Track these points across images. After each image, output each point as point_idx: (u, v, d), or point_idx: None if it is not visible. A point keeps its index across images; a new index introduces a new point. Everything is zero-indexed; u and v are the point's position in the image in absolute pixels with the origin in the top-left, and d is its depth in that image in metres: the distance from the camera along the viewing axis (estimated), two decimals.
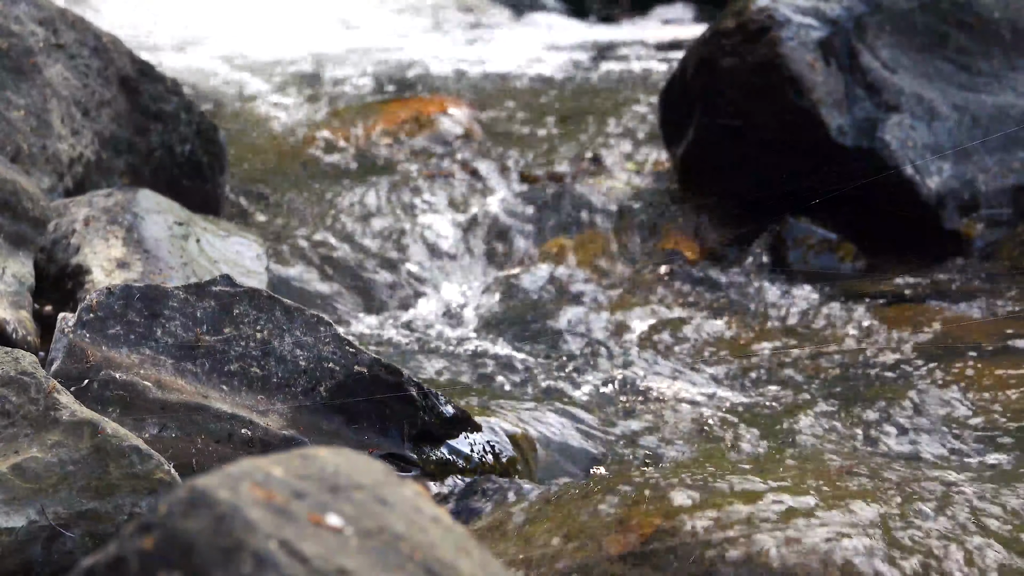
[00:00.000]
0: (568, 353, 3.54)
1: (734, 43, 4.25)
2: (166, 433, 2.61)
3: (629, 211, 4.43)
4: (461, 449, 2.82)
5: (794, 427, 3.11)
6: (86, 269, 3.29)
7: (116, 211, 3.42)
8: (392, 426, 2.75)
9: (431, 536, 1.46)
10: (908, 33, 4.34)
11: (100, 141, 3.78)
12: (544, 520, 2.57)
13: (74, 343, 2.66)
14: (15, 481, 2.29)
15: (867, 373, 3.40)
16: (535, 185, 4.58)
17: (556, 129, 4.98)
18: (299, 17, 6.34)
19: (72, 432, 2.33)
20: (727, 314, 3.83)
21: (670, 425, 3.12)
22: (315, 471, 1.46)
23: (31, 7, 3.72)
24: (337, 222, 4.39)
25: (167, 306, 2.74)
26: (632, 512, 2.50)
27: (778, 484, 2.64)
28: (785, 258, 4.13)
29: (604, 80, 5.51)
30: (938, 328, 3.63)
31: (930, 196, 4.12)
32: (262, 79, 5.48)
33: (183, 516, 1.35)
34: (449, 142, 4.88)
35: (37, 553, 2.26)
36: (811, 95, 4.15)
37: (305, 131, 4.97)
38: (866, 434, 3.07)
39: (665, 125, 4.54)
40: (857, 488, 2.66)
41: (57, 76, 3.69)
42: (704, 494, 2.63)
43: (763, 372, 3.44)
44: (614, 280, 4.09)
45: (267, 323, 2.75)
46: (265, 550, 1.33)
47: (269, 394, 2.71)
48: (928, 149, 4.15)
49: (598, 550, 2.42)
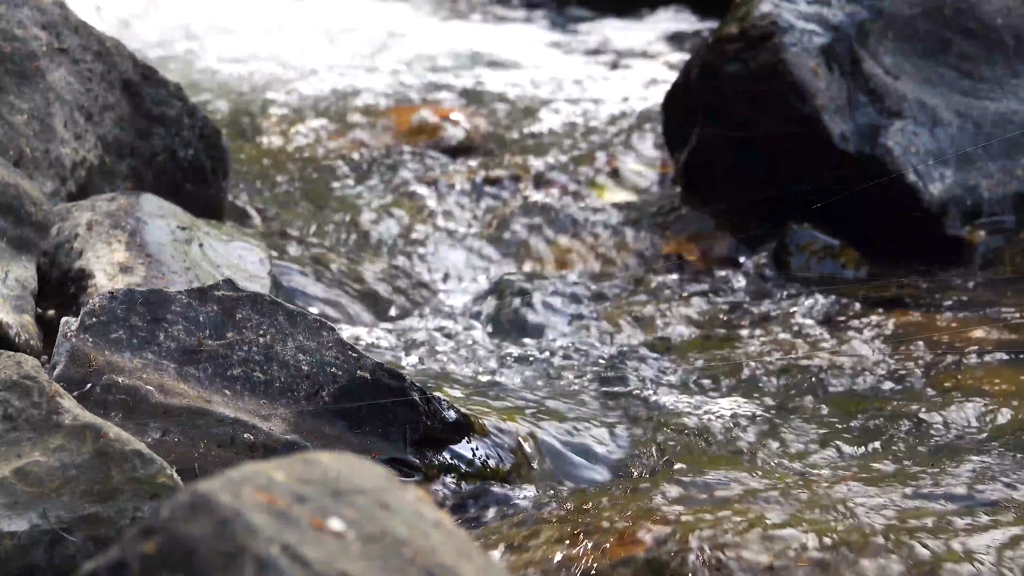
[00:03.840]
0: (570, 358, 3.54)
1: (736, 49, 4.25)
2: (168, 437, 2.61)
3: (632, 216, 4.43)
4: (463, 454, 2.82)
5: (796, 434, 3.11)
6: (89, 273, 3.29)
7: (119, 215, 3.43)
8: (394, 431, 2.75)
9: (433, 541, 1.46)
10: (911, 39, 4.34)
11: (103, 145, 3.78)
12: (546, 526, 2.57)
13: (77, 347, 2.66)
14: (17, 485, 2.29)
15: (869, 379, 3.40)
16: (537, 190, 4.58)
17: (559, 135, 4.98)
18: (301, 22, 6.34)
19: (74, 436, 2.33)
20: (729, 320, 3.83)
21: (671, 431, 3.12)
22: (317, 475, 1.46)
23: (34, 11, 3.72)
24: (339, 227, 4.39)
25: (170, 310, 2.74)
26: (633, 519, 2.50)
27: (780, 491, 2.64)
28: (788, 264, 4.13)
29: (608, 84, 5.51)
30: (941, 334, 3.63)
31: (932, 202, 4.12)
32: (265, 85, 5.48)
33: (185, 520, 1.35)
34: (451, 148, 4.88)
35: (39, 557, 2.26)
36: (814, 101, 4.15)
37: (308, 136, 4.97)
38: (868, 441, 3.07)
39: (668, 130, 4.55)
40: (858, 496, 2.66)
41: (60, 80, 3.70)
42: (706, 501, 2.63)
43: (765, 378, 3.44)
44: (616, 285, 4.08)
45: (270, 328, 2.76)
46: (267, 554, 1.33)
47: (272, 399, 2.71)
48: (931, 155, 4.15)
49: (600, 557, 2.42)
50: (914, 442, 3.06)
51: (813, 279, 4.07)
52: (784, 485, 2.70)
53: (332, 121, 5.09)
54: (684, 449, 3.04)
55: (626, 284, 4.11)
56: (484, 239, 4.38)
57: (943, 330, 3.66)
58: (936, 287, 3.96)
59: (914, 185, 4.12)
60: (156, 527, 1.35)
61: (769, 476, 2.83)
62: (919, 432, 3.10)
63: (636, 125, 5.00)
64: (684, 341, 3.70)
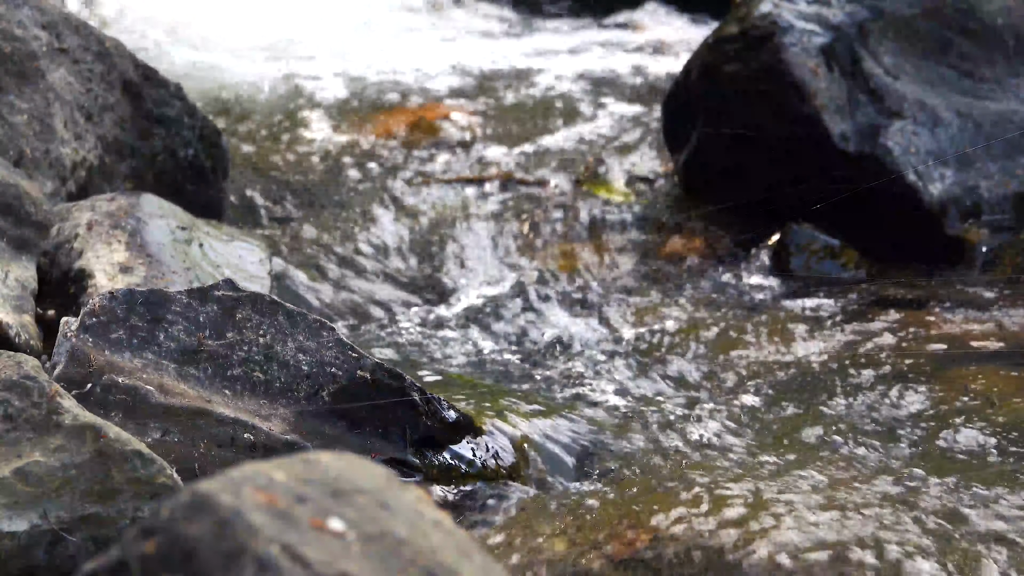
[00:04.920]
0: (570, 358, 3.54)
1: (737, 49, 4.25)
2: (168, 437, 2.61)
3: (632, 217, 4.43)
4: (463, 454, 2.82)
5: (794, 433, 3.11)
6: (89, 273, 3.29)
7: (119, 215, 3.43)
8: (394, 431, 2.76)
9: (433, 540, 1.46)
10: (911, 39, 4.34)
11: (103, 145, 3.78)
12: (545, 525, 2.57)
13: (77, 347, 2.66)
14: (17, 485, 2.29)
15: (868, 379, 3.40)
16: (537, 191, 4.58)
17: (560, 135, 4.98)
18: (301, 22, 6.34)
19: (75, 436, 2.33)
20: (729, 319, 3.83)
21: (670, 430, 3.12)
22: (317, 475, 1.46)
23: (34, 11, 3.72)
24: (339, 227, 4.39)
25: (170, 311, 2.74)
26: (633, 517, 2.51)
27: (777, 489, 2.64)
28: (788, 264, 4.13)
29: (609, 85, 5.51)
30: (940, 334, 3.63)
31: (932, 202, 4.12)
32: (265, 84, 5.48)
33: (185, 520, 1.35)
34: (451, 148, 4.88)
35: (40, 557, 2.26)
36: (814, 101, 4.15)
37: (308, 136, 4.97)
38: (866, 441, 3.07)
39: (668, 131, 4.55)
40: (854, 495, 2.66)
41: (60, 80, 3.70)
42: (704, 499, 2.63)
43: (764, 378, 3.44)
44: (616, 286, 4.09)
45: (270, 328, 2.76)
46: (267, 554, 1.33)
47: (272, 399, 2.71)
48: (931, 155, 4.15)
49: (599, 555, 2.42)
50: (914, 442, 3.06)
51: (813, 279, 4.07)
52: (784, 485, 2.70)
53: (332, 121, 5.09)
54: (684, 449, 3.04)
55: (626, 284, 4.11)
56: (484, 239, 4.38)
57: (943, 329, 3.66)
58: (936, 287, 3.96)
59: (914, 185, 4.12)
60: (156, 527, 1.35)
61: (769, 476, 2.83)
62: (919, 432, 3.10)
63: (636, 125, 5.00)
64: (684, 341, 3.70)
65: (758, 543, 2.37)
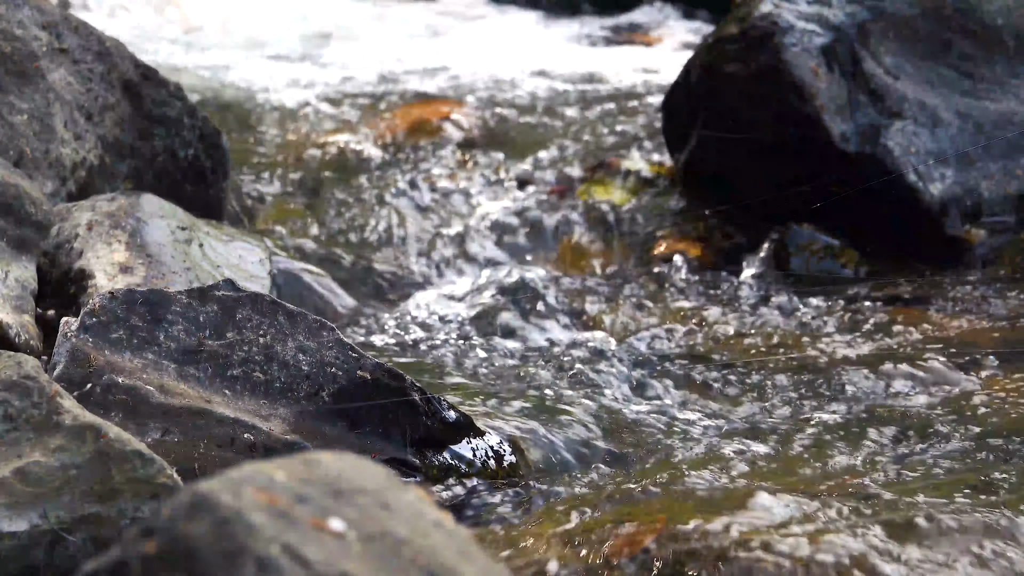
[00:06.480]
0: (569, 358, 3.54)
1: (737, 49, 4.25)
2: (169, 438, 2.61)
3: (632, 217, 4.43)
4: (463, 454, 2.82)
5: (794, 435, 3.11)
6: (89, 273, 3.29)
7: (119, 216, 3.43)
8: (395, 431, 2.75)
9: (433, 540, 1.46)
10: (911, 40, 4.34)
11: (103, 146, 3.78)
12: (545, 525, 2.57)
13: (77, 347, 2.66)
14: (17, 485, 2.29)
15: (869, 379, 3.40)
16: (537, 190, 4.58)
17: (559, 134, 4.98)
18: (301, 22, 6.34)
19: (75, 436, 2.33)
20: (729, 320, 3.83)
21: (670, 431, 3.12)
22: (318, 475, 1.46)
23: (34, 11, 3.72)
24: (339, 227, 4.39)
25: (170, 311, 2.74)
26: (632, 519, 2.51)
27: (777, 492, 2.64)
28: (788, 264, 4.13)
29: (608, 85, 5.51)
30: (941, 334, 3.63)
31: (933, 202, 4.12)
32: (265, 85, 5.48)
33: (185, 520, 1.35)
34: (452, 147, 4.88)
35: (40, 557, 2.26)
36: (814, 101, 4.15)
37: (308, 136, 4.97)
38: (866, 442, 3.07)
39: (668, 131, 4.54)
40: (854, 495, 2.66)
41: (60, 81, 3.70)
42: (704, 501, 2.63)
43: (764, 378, 3.44)
44: (616, 286, 4.09)
45: (270, 328, 2.76)
46: (267, 554, 1.33)
47: (272, 399, 2.71)
48: (931, 155, 4.16)
49: (598, 556, 2.42)
50: (914, 441, 3.06)
51: (813, 279, 4.07)
52: (785, 484, 2.70)
53: (332, 121, 5.09)
54: (684, 449, 3.04)
55: (626, 283, 4.11)
56: (484, 238, 4.38)
57: (943, 329, 3.66)
58: (936, 287, 3.96)
59: (914, 185, 4.12)
60: (156, 527, 1.35)
61: (769, 475, 2.83)
62: (919, 432, 3.10)
63: (636, 125, 5.00)
64: (684, 341, 3.70)
65: (759, 543, 2.37)
